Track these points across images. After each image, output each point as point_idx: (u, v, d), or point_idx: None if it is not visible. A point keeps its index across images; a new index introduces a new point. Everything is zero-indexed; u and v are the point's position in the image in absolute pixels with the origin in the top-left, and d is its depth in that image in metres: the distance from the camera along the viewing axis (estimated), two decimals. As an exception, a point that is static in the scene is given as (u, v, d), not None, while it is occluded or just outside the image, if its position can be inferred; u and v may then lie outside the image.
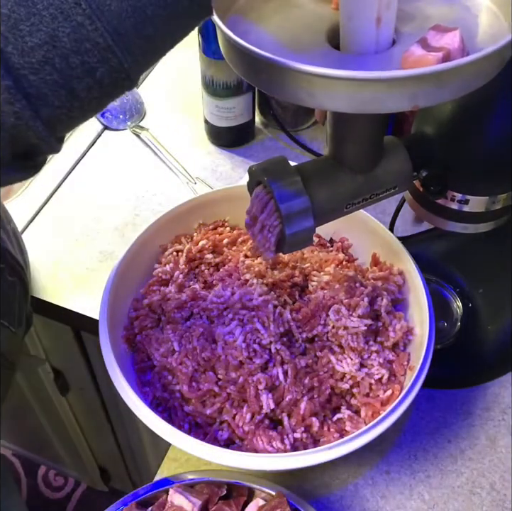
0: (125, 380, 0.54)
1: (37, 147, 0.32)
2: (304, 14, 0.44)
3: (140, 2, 0.29)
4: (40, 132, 0.30)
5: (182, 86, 0.99)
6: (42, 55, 0.28)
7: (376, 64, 0.40)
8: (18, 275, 0.64)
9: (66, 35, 0.28)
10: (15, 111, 0.29)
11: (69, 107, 0.31)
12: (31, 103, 0.29)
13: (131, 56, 0.30)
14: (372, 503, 0.59)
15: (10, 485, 0.76)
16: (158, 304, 0.63)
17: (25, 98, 0.29)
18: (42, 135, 0.30)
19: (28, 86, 0.29)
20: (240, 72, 0.42)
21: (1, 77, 0.28)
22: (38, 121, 0.30)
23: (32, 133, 0.30)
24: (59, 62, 0.29)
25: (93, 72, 0.30)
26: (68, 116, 0.31)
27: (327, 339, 0.59)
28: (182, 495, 0.51)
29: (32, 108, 0.29)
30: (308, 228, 0.48)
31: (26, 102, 0.29)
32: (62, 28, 0.28)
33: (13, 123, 0.29)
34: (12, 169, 0.32)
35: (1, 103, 0.28)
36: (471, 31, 0.42)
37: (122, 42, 0.30)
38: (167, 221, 0.67)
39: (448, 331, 0.69)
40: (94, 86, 0.30)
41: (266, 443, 0.54)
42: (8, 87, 0.28)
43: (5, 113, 0.29)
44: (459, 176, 0.53)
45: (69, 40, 0.28)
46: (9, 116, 0.29)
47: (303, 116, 0.92)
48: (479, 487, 0.60)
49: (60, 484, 1.50)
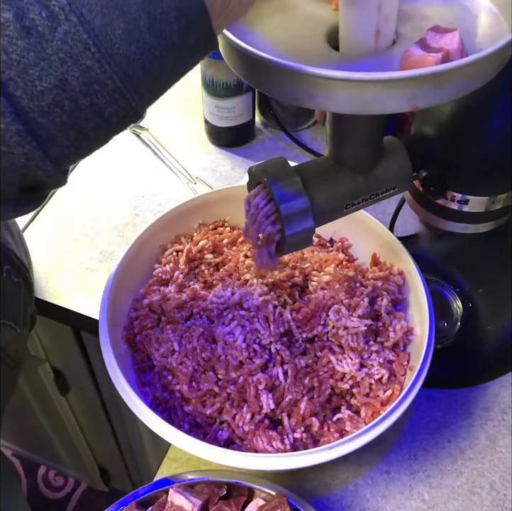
0: (125, 380, 0.54)
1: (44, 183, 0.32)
2: (304, 15, 0.44)
3: (147, 44, 0.30)
4: (49, 170, 0.31)
5: (182, 86, 0.99)
6: (51, 98, 0.28)
7: (375, 64, 0.40)
8: (23, 276, 0.64)
9: (75, 78, 0.29)
10: (26, 152, 0.29)
11: (78, 145, 0.31)
12: (41, 145, 0.29)
13: (138, 95, 0.31)
14: (372, 503, 0.59)
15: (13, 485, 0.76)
16: (158, 304, 0.63)
17: (35, 140, 0.29)
18: (51, 173, 0.31)
19: (37, 129, 0.29)
20: (239, 73, 0.42)
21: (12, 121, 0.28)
22: (47, 161, 0.30)
23: (41, 171, 0.31)
24: (69, 104, 0.29)
25: (101, 112, 0.30)
26: (76, 153, 0.32)
27: (328, 339, 0.59)
28: (182, 495, 0.52)
29: (42, 148, 0.30)
30: (308, 228, 0.48)
31: (36, 143, 0.29)
32: (71, 72, 0.28)
33: (24, 164, 0.30)
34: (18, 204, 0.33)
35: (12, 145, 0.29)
36: (471, 32, 0.42)
37: (130, 83, 0.30)
38: (167, 221, 0.67)
39: (448, 331, 0.69)
40: (102, 125, 0.31)
41: (266, 444, 0.54)
42: (19, 131, 0.28)
43: (15, 155, 0.29)
44: (459, 176, 0.53)
45: (78, 83, 0.29)
46: (20, 157, 0.29)
47: (303, 116, 0.92)
48: (479, 487, 0.60)
49: (60, 484, 1.50)
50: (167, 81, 0.33)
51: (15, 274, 0.62)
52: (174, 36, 0.30)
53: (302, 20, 0.44)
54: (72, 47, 0.28)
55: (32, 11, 0.27)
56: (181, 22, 0.30)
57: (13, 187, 0.31)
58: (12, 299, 0.61)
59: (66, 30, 0.28)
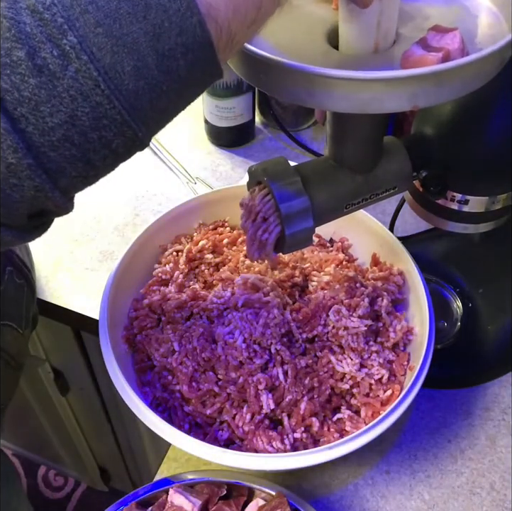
0: (125, 380, 0.54)
1: (52, 212, 0.34)
2: (304, 14, 0.44)
3: (155, 80, 0.31)
4: (58, 200, 0.32)
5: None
6: (61, 133, 0.29)
7: (376, 64, 0.40)
8: (25, 277, 0.64)
9: (85, 114, 0.29)
10: (36, 185, 0.30)
11: (85, 175, 0.32)
12: (50, 177, 0.30)
13: (145, 126, 0.32)
14: (372, 503, 0.59)
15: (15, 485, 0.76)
16: (158, 304, 0.63)
17: (45, 173, 0.30)
18: (60, 202, 0.32)
19: (47, 162, 0.30)
20: (240, 72, 0.42)
21: (23, 156, 0.29)
22: (56, 192, 0.31)
23: (51, 202, 0.32)
24: (78, 138, 0.30)
25: (109, 144, 0.31)
26: (83, 183, 0.33)
27: (328, 339, 0.59)
28: (182, 495, 0.51)
29: (52, 180, 0.31)
30: (307, 228, 0.47)
31: (46, 176, 0.30)
32: (81, 108, 0.29)
33: (33, 195, 0.31)
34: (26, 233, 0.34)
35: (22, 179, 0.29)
36: (471, 31, 0.42)
37: (137, 116, 0.31)
38: (167, 221, 0.67)
39: (448, 331, 0.69)
40: (109, 155, 0.32)
41: (266, 444, 0.54)
42: (30, 165, 0.29)
43: (26, 188, 0.30)
44: (459, 176, 0.53)
45: (87, 118, 0.29)
46: (30, 189, 0.30)
47: (303, 116, 0.92)
48: (479, 487, 0.60)
49: (60, 484, 1.50)
50: (172, 112, 0.34)
51: (18, 275, 0.62)
52: (180, 71, 0.31)
53: (302, 19, 0.44)
54: (83, 85, 0.29)
55: (44, 49, 0.28)
56: (188, 58, 0.31)
57: (22, 216, 0.32)
58: (14, 300, 0.61)
59: (77, 68, 0.29)
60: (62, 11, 0.28)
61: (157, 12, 0.30)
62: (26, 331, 0.64)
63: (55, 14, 0.28)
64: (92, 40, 0.29)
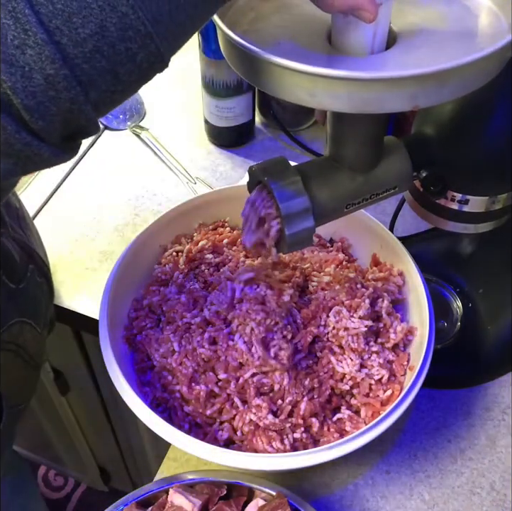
0: (125, 380, 0.54)
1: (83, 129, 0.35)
2: (304, 14, 0.44)
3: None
4: (89, 114, 0.33)
5: (182, 86, 0.99)
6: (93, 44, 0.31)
7: (375, 63, 0.40)
8: (45, 276, 0.64)
9: (113, 24, 0.31)
10: (71, 97, 0.32)
11: (113, 90, 0.34)
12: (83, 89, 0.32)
13: (166, 41, 0.33)
14: (372, 503, 0.59)
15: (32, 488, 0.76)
16: (158, 305, 0.63)
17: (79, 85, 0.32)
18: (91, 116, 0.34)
19: (81, 74, 0.32)
20: (240, 71, 0.42)
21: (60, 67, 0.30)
22: (89, 105, 0.33)
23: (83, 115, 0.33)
24: (107, 49, 0.32)
25: (134, 57, 0.33)
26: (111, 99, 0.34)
27: (328, 340, 0.59)
28: (182, 495, 0.51)
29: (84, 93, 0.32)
30: (308, 228, 0.47)
31: (80, 88, 0.32)
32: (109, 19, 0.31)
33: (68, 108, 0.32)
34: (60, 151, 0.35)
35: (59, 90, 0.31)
36: (471, 31, 0.42)
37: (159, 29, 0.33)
38: (167, 221, 0.67)
39: (448, 331, 0.69)
40: (134, 70, 0.33)
41: (266, 444, 0.54)
42: (66, 76, 0.31)
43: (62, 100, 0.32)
44: (459, 176, 0.53)
45: (115, 29, 0.31)
46: (65, 102, 0.32)
47: (303, 116, 0.92)
48: (479, 487, 0.60)
49: (60, 484, 1.50)
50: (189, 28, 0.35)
51: (38, 274, 0.62)
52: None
53: (302, 18, 0.44)
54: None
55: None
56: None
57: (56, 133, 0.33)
58: (34, 298, 0.61)
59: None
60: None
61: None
62: (44, 331, 0.64)
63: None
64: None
